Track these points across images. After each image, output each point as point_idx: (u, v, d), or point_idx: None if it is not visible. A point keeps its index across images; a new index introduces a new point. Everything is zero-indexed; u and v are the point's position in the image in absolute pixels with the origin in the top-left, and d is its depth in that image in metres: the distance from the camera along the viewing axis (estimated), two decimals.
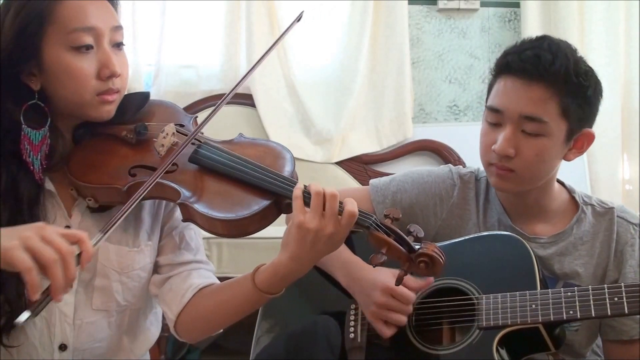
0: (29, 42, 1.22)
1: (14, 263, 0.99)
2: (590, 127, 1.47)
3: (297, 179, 1.27)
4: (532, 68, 1.39)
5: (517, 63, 1.41)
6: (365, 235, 1.22)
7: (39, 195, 1.25)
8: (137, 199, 1.17)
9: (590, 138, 1.48)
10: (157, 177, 1.20)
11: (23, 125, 1.23)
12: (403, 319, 1.40)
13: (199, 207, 1.20)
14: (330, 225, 1.16)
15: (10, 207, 1.22)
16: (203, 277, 1.36)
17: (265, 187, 1.21)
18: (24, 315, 0.98)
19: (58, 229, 1.05)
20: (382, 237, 1.19)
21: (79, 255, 1.03)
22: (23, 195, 1.23)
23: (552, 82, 1.39)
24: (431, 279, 1.44)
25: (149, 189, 1.18)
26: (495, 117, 1.45)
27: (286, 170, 1.26)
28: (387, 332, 1.41)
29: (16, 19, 1.21)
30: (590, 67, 1.44)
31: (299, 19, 1.41)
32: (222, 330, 1.40)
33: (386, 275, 1.41)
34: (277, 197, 1.21)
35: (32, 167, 1.23)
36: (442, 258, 1.19)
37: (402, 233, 1.20)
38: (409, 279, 1.42)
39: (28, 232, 1.02)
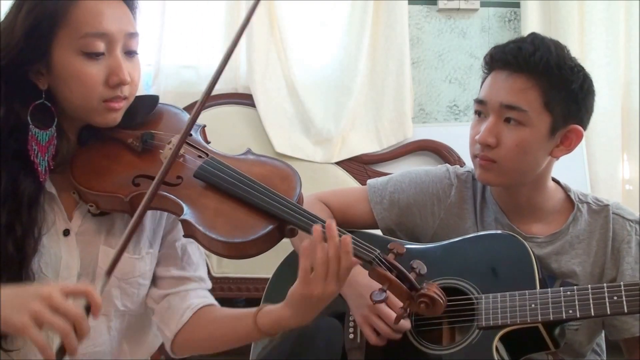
0: (39, 42, 1.20)
1: (32, 340, 1.01)
2: (579, 124, 1.47)
3: (303, 201, 1.25)
4: (512, 59, 1.42)
5: (499, 55, 1.45)
6: (367, 269, 1.20)
7: (39, 197, 1.24)
8: (136, 224, 1.14)
9: (579, 135, 1.47)
10: (152, 193, 1.16)
11: (30, 126, 1.21)
12: (388, 331, 1.39)
13: (201, 227, 1.18)
14: (332, 285, 1.16)
15: (9, 208, 1.21)
16: (201, 297, 1.37)
17: (270, 211, 1.19)
18: None
19: (61, 286, 1.05)
20: (384, 274, 1.17)
21: (88, 307, 1.04)
22: (23, 197, 1.22)
23: (532, 72, 1.41)
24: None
25: (142, 212, 1.16)
26: (481, 109, 1.48)
27: (293, 194, 1.24)
28: (374, 339, 1.41)
29: (28, 17, 1.19)
30: (579, 65, 1.45)
31: None
32: None
33: None
34: (280, 222, 1.20)
35: (39, 168, 1.22)
36: (442, 300, 1.18)
37: (404, 270, 1.19)
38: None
39: (36, 304, 1.01)
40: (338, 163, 3.11)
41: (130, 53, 1.27)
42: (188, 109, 3.17)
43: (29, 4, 1.20)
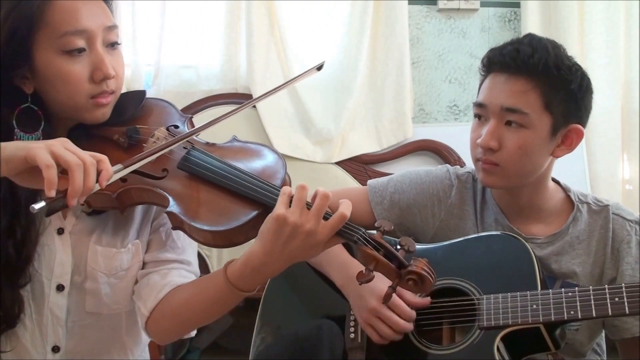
0: (19, 46, 1.20)
1: (37, 160, 1.02)
2: (579, 123, 1.47)
3: (290, 183, 1.25)
4: (511, 61, 1.42)
5: (498, 58, 1.45)
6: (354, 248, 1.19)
7: (36, 198, 1.23)
8: (155, 153, 1.18)
9: (579, 134, 1.48)
10: (156, 153, 1.18)
11: (16, 130, 1.21)
12: (390, 333, 1.39)
13: (186, 218, 1.18)
14: (311, 222, 1.12)
15: (9, 210, 1.22)
16: (183, 276, 1.34)
17: (254, 197, 1.20)
18: (39, 204, 1.01)
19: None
20: (370, 253, 1.15)
21: (98, 174, 1.07)
22: (21, 199, 1.22)
23: (532, 74, 1.41)
24: (428, 299, 1.43)
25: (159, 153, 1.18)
26: (481, 112, 1.48)
27: (277, 178, 1.24)
28: (377, 337, 1.41)
29: (6, 22, 1.19)
30: (576, 64, 1.46)
31: (319, 67, 1.39)
32: (194, 334, 1.37)
33: (385, 284, 1.40)
34: (265, 207, 1.20)
35: None
36: (431, 277, 1.15)
37: (391, 248, 1.16)
38: (406, 293, 1.41)
39: (54, 141, 1.06)
40: (338, 163, 3.11)
41: (112, 45, 1.26)
42: (188, 109, 3.18)
43: (5, 7, 1.20)
